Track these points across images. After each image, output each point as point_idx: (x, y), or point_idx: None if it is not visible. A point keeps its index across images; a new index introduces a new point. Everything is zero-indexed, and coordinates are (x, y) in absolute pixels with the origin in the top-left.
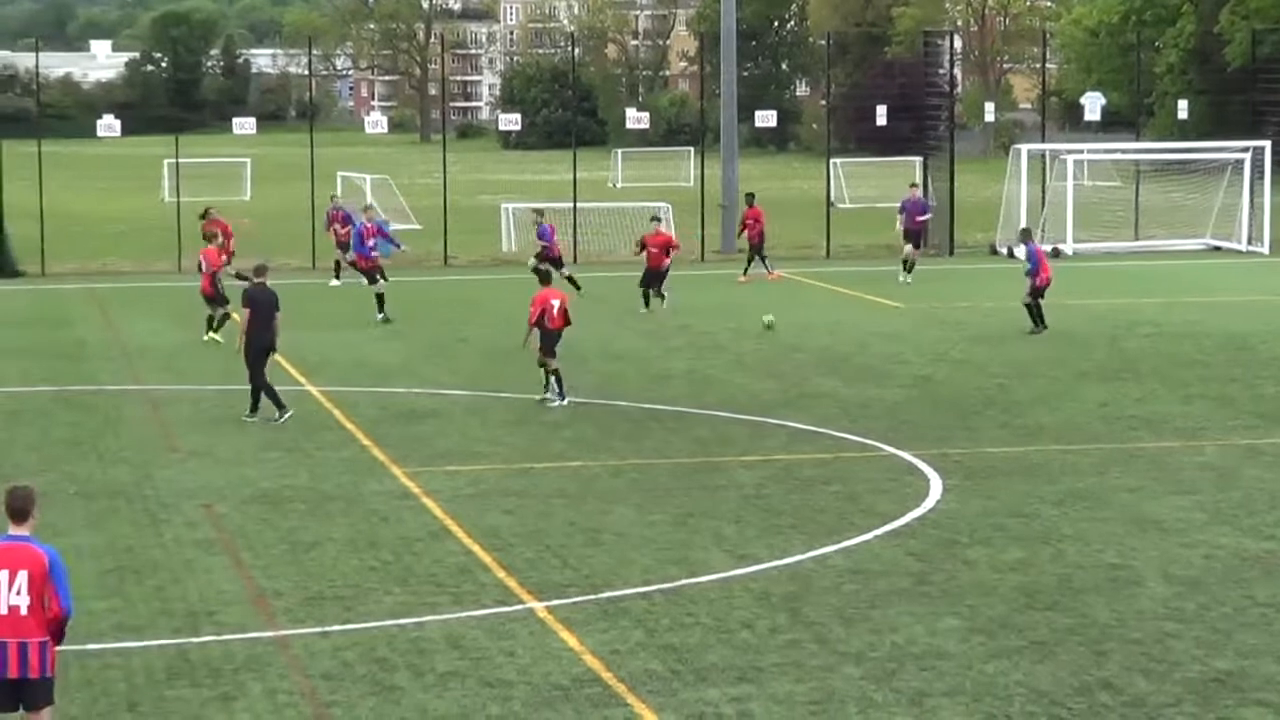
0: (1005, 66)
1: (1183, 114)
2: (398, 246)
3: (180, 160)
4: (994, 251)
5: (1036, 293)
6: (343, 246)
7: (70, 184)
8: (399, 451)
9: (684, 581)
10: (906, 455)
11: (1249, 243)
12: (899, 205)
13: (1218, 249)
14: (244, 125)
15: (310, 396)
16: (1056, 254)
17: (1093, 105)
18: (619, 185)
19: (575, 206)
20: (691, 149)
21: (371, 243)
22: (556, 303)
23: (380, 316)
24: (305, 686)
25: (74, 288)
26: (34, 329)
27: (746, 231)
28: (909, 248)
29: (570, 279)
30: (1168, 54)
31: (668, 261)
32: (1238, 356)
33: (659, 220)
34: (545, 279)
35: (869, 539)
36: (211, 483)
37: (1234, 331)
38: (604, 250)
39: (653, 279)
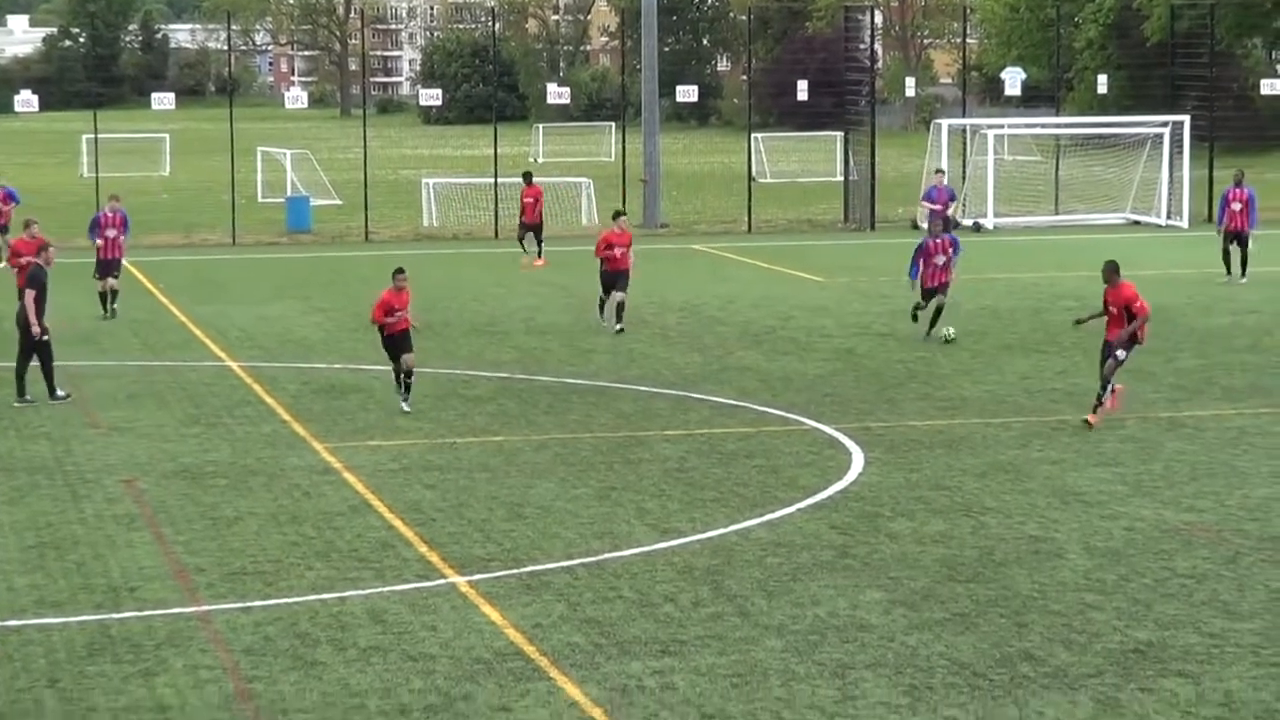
0: (925, 42)
1: (1102, 89)
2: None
3: (99, 136)
4: (915, 226)
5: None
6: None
7: None
8: (321, 426)
9: (607, 555)
10: (829, 429)
11: (1168, 217)
12: (923, 194)
13: (1137, 223)
14: (163, 100)
15: (231, 372)
16: (977, 228)
17: (1013, 80)
18: (540, 160)
19: (496, 182)
20: (613, 124)
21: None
22: None
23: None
24: (227, 661)
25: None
26: None
27: (526, 212)
28: None
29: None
30: (1087, 29)
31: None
32: (1158, 329)
33: (624, 215)
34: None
35: (791, 512)
36: (132, 458)
37: (1153, 304)
38: None
39: (615, 282)
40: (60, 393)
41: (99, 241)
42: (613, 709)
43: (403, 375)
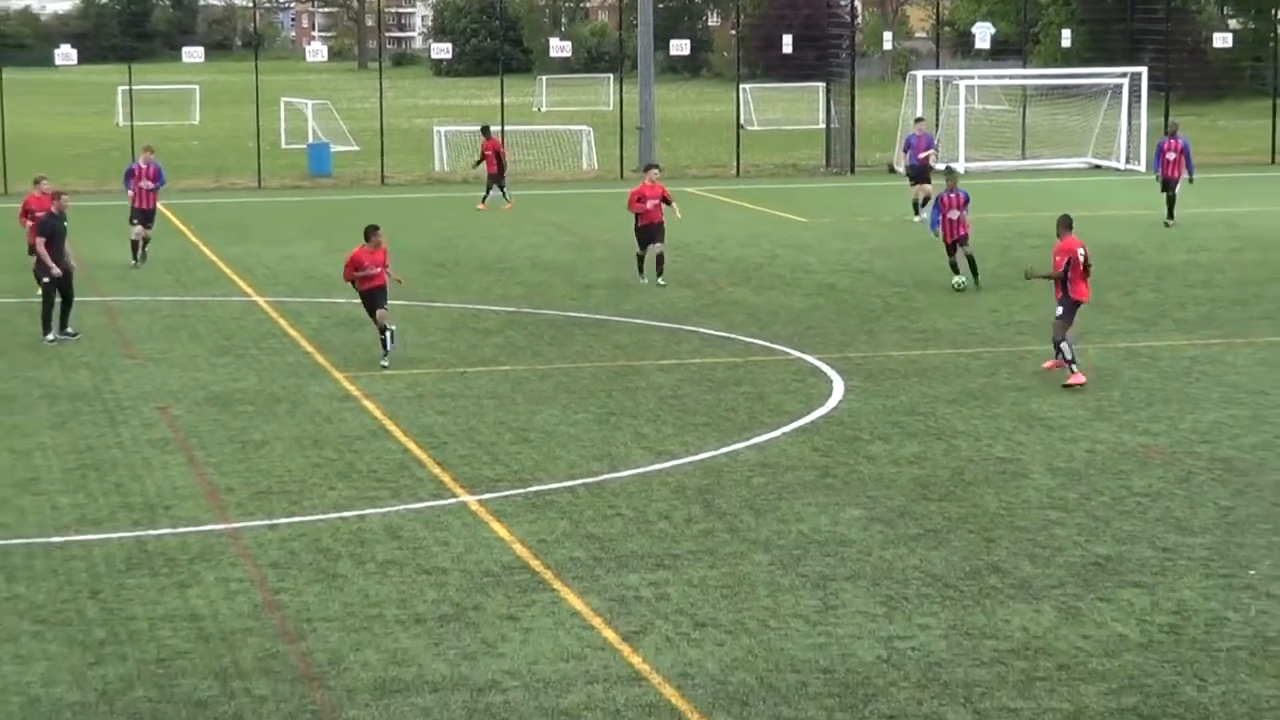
0: None
1: (1066, 42)
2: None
3: (133, 87)
4: (892, 170)
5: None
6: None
7: (31, 109)
8: (340, 357)
9: (606, 476)
10: (811, 359)
11: (1126, 161)
12: (904, 142)
13: (1098, 167)
14: (193, 54)
15: (258, 307)
16: (950, 172)
17: (983, 34)
18: (543, 110)
19: (503, 129)
20: (611, 75)
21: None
22: None
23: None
24: (255, 575)
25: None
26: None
27: (485, 163)
28: (921, 186)
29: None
30: None
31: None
32: (1117, 266)
33: (658, 168)
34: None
35: (777, 436)
36: (166, 386)
37: (1113, 243)
38: (531, 169)
39: (652, 235)
40: (70, 330)
41: (131, 191)
42: (612, 617)
43: (382, 332)
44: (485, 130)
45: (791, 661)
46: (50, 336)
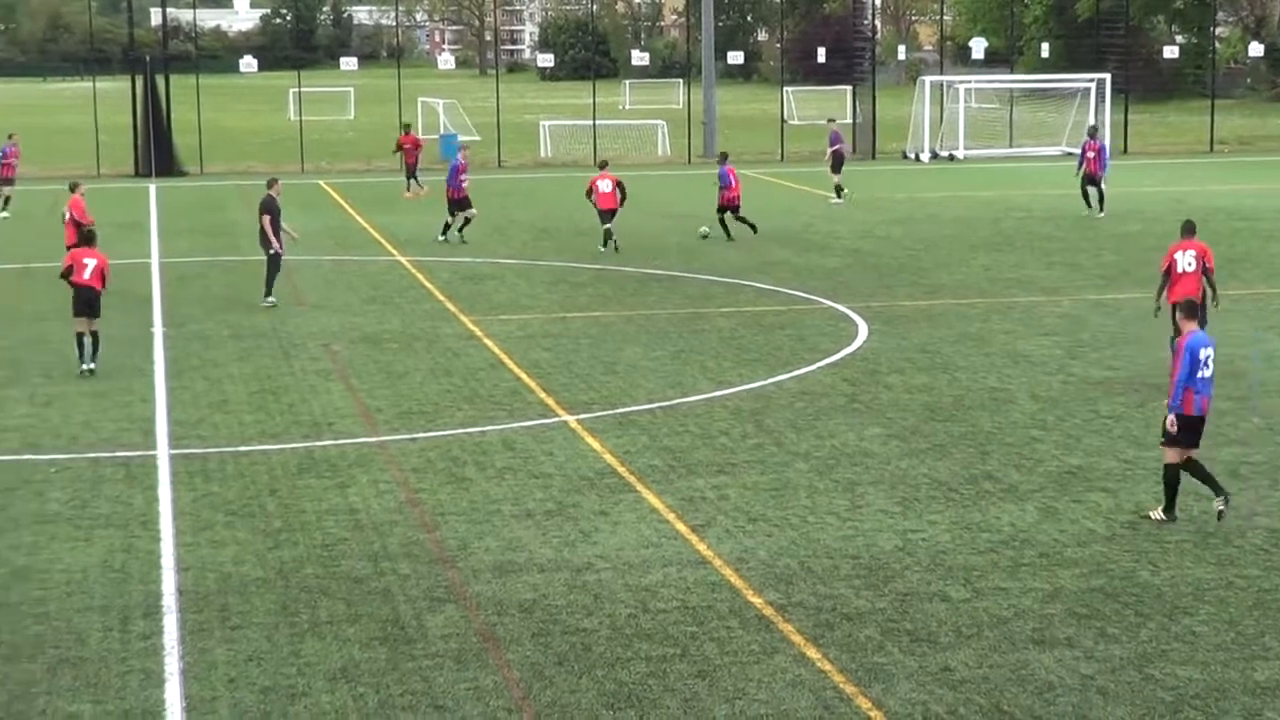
0: (913, 18)
1: (1045, 53)
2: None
3: (301, 89)
4: (905, 156)
5: (724, 208)
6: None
7: (220, 107)
8: (466, 304)
9: (678, 400)
10: (841, 307)
11: None
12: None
13: (1070, 154)
14: (348, 63)
15: (400, 265)
16: (952, 159)
17: (978, 47)
18: (627, 107)
19: (595, 123)
20: (681, 80)
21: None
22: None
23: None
24: (399, 478)
25: (225, 184)
26: (196, 214)
27: (404, 152)
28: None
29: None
30: (1034, 7)
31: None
32: (1085, 234)
33: (727, 157)
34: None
35: (814, 369)
36: (328, 327)
37: (1082, 215)
38: (617, 155)
39: (731, 209)
40: (270, 299)
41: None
42: (683, 513)
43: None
44: (405, 127)
45: (826, 549)
46: (270, 300)
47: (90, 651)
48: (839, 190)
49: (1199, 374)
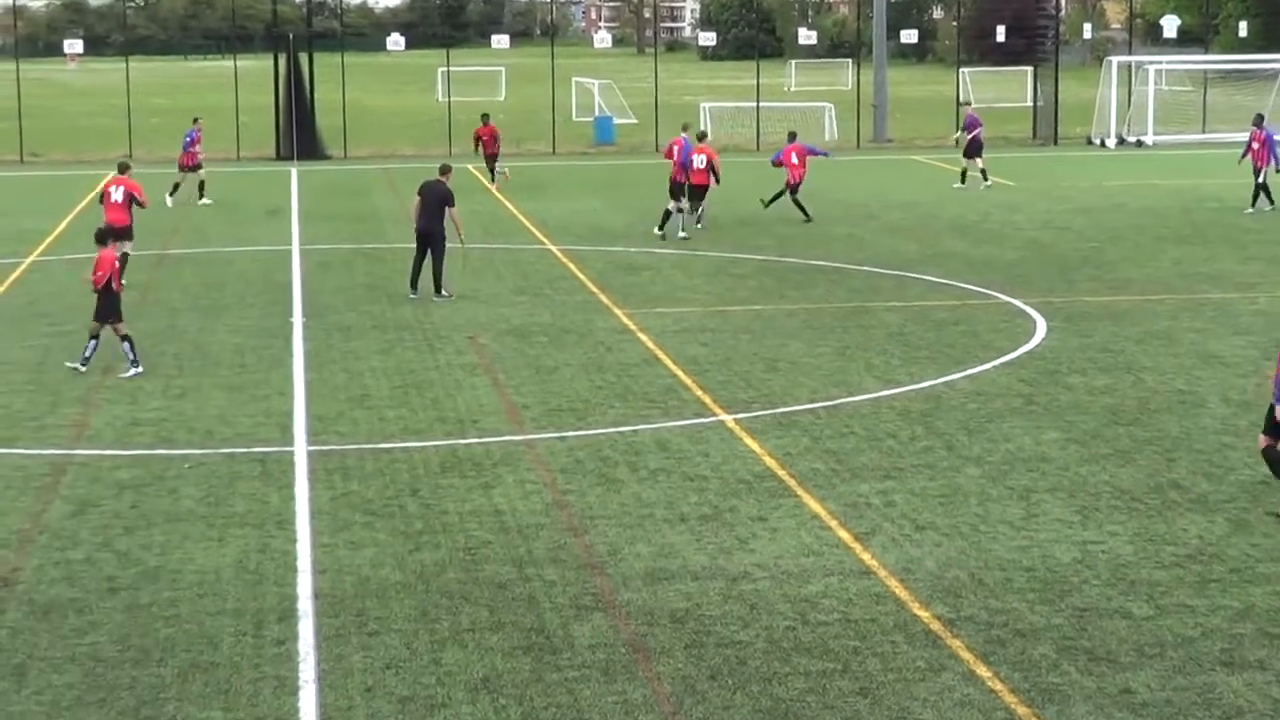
0: None
1: (1242, 32)
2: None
3: (450, 69)
4: (1089, 142)
5: (790, 189)
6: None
7: (366, 87)
8: (620, 296)
9: (842, 400)
10: (1018, 303)
11: None
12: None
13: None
14: (500, 41)
15: (551, 254)
16: (1140, 144)
17: (1170, 25)
18: (792, 89)
19: (758, 105)
20: (850, 60)
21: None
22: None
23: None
24: (547, 478)
25: (370, 168)
26: (339, 199)
27: (482, 144)
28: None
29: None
30: None
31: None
32: None
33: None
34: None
35: (988, 368)
36: (474, 319)
37: (1265, 210)
38: (779, 140)
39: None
40: (443, 292)
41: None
42: (846, 520)
43: None
44: (484, 118)
45: (999, 561)
46: (413, 295)
47: (222, 656)
48: (984, 173)
49: None
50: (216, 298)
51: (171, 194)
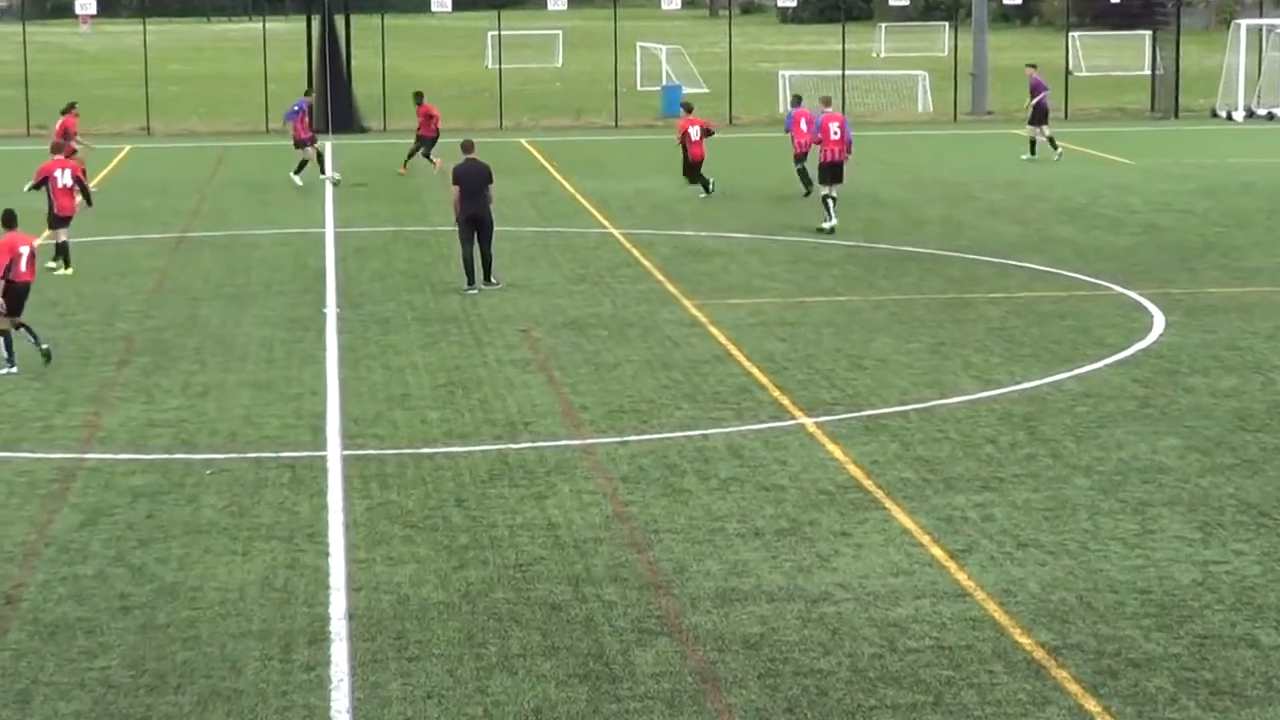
0: None
1: None
2: None
3: (501, 33)
4: (1214, 114)
5: (797, 158)
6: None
7: (407, 52)
8: (689, 285)
9: (936, 402)
10: (1133, 294)
11: None
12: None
13: None
14: (557, 2)
15: (613, 238)
16: (1271, 117)
17: None
18: (882, 55)
19: (844, 74)
20: (946, 24)
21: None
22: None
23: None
24: (607, 487)
25: (411, 142)
26: (378, 178)
27: (421, 128)
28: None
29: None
30: None
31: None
32: None
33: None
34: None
35: (1099, 367)
36: (527, 310)
37: None
38: (869, 112)
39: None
40: (494, 280)
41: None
42: (939, 536)
43: None
44: (418, 96)
45: (1110, 582)
46: (471, 289)
47: (246, 683)
48: (1053, 141)
49: None
50: (241, 285)
51: (297, 172)
